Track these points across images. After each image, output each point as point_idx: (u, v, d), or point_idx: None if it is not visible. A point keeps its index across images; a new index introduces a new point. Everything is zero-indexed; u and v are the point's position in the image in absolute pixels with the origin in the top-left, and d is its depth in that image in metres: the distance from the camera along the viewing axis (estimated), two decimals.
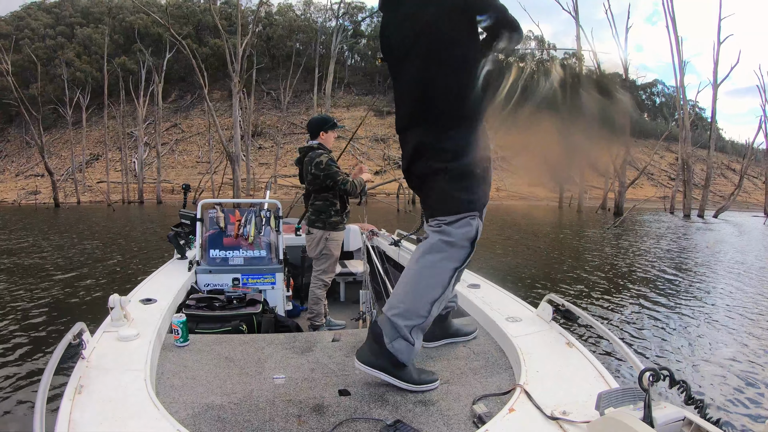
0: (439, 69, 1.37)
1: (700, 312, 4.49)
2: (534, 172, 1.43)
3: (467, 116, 1.35)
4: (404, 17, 1.44)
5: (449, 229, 1.36)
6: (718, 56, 21.97)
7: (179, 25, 39.87)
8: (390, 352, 1.28)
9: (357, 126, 10.02)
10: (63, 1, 46.17)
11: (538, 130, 1.30)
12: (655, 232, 12.77)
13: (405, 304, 1.31)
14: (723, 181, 41.60)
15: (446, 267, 1.34)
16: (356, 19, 47.16)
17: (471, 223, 1.37)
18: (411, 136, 1.46)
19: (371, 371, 1.30)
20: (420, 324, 1.31)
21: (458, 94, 1.36)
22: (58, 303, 4.71)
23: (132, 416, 1.04)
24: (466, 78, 1.33)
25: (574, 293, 5.37)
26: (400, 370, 1.29)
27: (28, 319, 4.16)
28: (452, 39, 1.36)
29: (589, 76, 1.40)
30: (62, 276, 5.97)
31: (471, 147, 1.36)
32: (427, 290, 1.32)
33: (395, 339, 1.29)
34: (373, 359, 1.29)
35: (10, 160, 36.68)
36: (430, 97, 1.39)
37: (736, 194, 23.49)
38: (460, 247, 1.36)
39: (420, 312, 1.30)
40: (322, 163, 2.73)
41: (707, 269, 6.82)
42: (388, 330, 1.29)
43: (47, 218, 15.14)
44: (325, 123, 2.88)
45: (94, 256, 7.52)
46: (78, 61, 37.37)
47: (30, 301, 4.72)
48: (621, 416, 0.88)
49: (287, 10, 48.72)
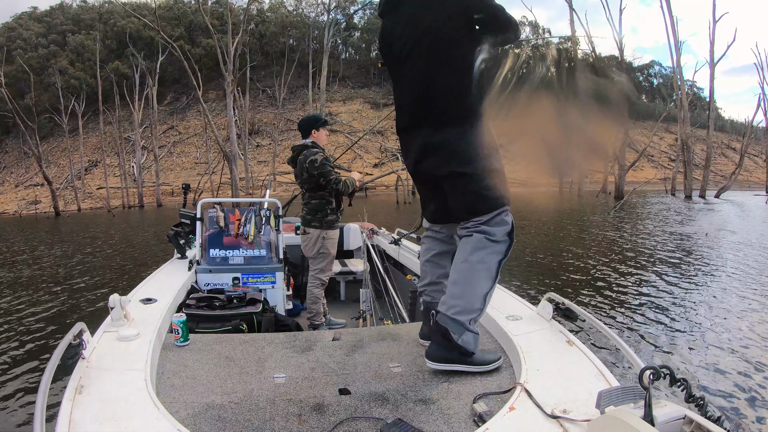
0: (440, 69, 1.41)
1: (700, 308, 4.44)
2: (533, 158, 1.43)
3: (474, 114, 1.39)
4: (405, 18, 1.49)
5: (488, 228, 1.43)
6: (714, 35, 21.96)
7: (171, 26, 39.62)
8: (461, 346, 1.36)
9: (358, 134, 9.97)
10: (54, 9, 45.93)
11: (535, 115, 1.31)
12: (656, 216, 12.73)
13: (462, 300, 1.38)
14: (724, 160, 41.38)
15: (493, 261, 1.42)
16: (348, 12, 46.77)
17: (506, 219, 1.45)
18: (416, 136, 1.50)
19: (446, 367, 1.37)
20: (477, 315, 1.41)
21: (460, 94, 1.40)
22: (58, 304, 4.73)
23: (132, 416, 1.04)
24: (469, 77, 1.39)
25: (573, 287, 5.36)
26: (470, 358, 1.38)
27: (28, 319, 4.19)
28: (453, 39, 1.40)
29: (585, 59, 1.38)
30: (62, 278, 6.01)
31: (485, 144, 1.40)
32: (479, 285, 1.39)
33: (463, 333, 1.37)
34: (446, 355, 1.37)
35: (9, 171, 36.66)
36: (432, 96, 1.43)
37: (737, 173, 23.39)
38: (502, 242, 1.44)
39: (476, 306, 1.39)
40: (317, 161, 2.71)
41: (709, 260, 6.74)
42: (453, 327, 1.37)
43: (47, 228, 15.17)
44: (315, 121, 2.87)
45: (94, 261, 7.54)
46: (72, 68, 37.19)
47: (30, 302, 4.75)
48: (621, 414, 0.88)
49: (279, 6, 48.36)
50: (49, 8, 46.29)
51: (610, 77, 1.38)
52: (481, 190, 1.42)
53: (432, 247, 1.68)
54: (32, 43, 39.71)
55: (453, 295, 1.41)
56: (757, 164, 39.63)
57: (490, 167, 1.42)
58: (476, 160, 1.41)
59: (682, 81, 23.33)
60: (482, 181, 1.41)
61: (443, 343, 1.37)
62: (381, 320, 2.86)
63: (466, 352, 1.37)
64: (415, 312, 2.70)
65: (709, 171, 22.98)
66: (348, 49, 50.25)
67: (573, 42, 23.19)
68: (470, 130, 1.40)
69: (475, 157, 1.40)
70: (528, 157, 1.47)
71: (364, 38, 48.67)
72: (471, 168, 1.41)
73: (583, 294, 5.05)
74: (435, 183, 1.53)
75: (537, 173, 1.45)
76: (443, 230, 1.66)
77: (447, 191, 1.50)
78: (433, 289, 1.67)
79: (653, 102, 44.61)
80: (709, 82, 23.32)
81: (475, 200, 1.44)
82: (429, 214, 1.67)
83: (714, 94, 25.68)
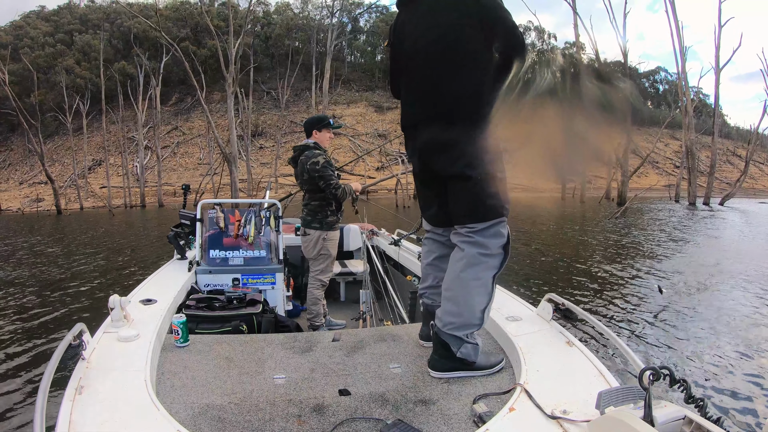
0: (453, 68, 1.39)
1: (700, 310, 4.43)
2: (536, 163, 1.42)
3: (484, 117, 1.36)
4: (421, 15, 1.47)
5: (482, 239, 1.41)
6: (720, 40, 21.68)
7: (177, 27, 39.89)
8: (461, 358, 1.37)
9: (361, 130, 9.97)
10: (61, 8, 46.35)
11: (539, 120, 1.30)
12: (656, 224, 12.65)
13: (458, 318, 1.38)
14: (729, 167, 41.22)
15: (487, 276, 1.40)
16: (354, 15, 46.97)
17: (501, 231, 1.43)
18: (423, 133, 1.48)
19: (449, 375, 1.38)
20: (476, 329, 1.41)
21: (473, 94, 1.38)
22: (58, 304, 4.74)
23: (132, 417, 1.04)
24: (481, 77, 1.37)
25: (573, 288, 5.34)
26: (473, 365, 1.39)
27: (28, 320, 4.19)
28: (468, 38, 1.38)
29: (590, 65, 1.39)
30: (61, 278, 6.01)
31: (492, 149, 1.37)
32: (475, 302, 1.39)
33: (461, 346, 1.37)
34: (448, 364, 1.38)
35: (14, 168, 36.91)
36: (444, 95, 1.41)
37: (742, 180, 23.16)
38: (496, 255, 1.42)
39: (473, 321, 1.39)
40: (318, 164, 2.69)
41: (711, 265, 6.72)
42: (452, 341, 1.38)
43: (45, 225, 15.21)
44: (318, 122, 2.86)
45: (94, 261, 7.55)
46: (78, 67, 37.49)
47: (29, 303, 4.75)
48: (621, 415, 0.88)
49: (285, 8, 48.63)
50: (57, 8, 46.80)
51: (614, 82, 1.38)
52: (483, 197, 1.40)
53: (433, 249, 1.67)
54: (39, 42, 40.06)
55: (449, 312, 1.40)
56: (762, 171, 39.47)
57: (494, 174, 1.40)
58: (482, 165, 1.39)
59: (686, 86, 23.19)
60: (485, 187, 1.40)
61: (444, 354, 1.39)
62: (381, 321, 2.86)
63: (468, 362, 1.38)
64: (415, 313, 2.69)
65: (713, 178, 22.82)
66: (354, 53, 50.43)
67: (577, 47, 23.20)
68: (480, 133, 1.37)
69: (482, 162, 1.38)
70: (531, 163, 1.45)
71: (370, 41, 48.84)
72: (476, 172, 1.39)
73: (583, 295, 5.05)
74: (440, 183, 1.51)
75: (540, 178, 1.44)
76: (445, 233, 1.64)
77: (450, 193, 1.49)
78: (434, 292, 1.65)
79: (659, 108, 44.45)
80: (714, 88, 23.04)
81: (475, 205, 1.42)
82: (430, 216, 1.65)
83: (719, 101, 25.53)
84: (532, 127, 1.32)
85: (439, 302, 1.59)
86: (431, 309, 1.62)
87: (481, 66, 1.39)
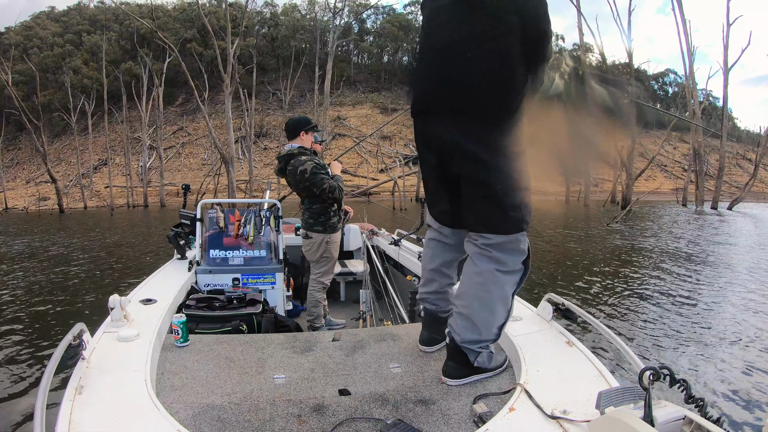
0: (481, 57, 1.23)
1: (700, 310, 4.42)
2: (543, 165, 1.39)
3: (511, 112, 1.24)
4: (451, 3, 1.30)
5: (500, 255, 1.31)
6: (728, 38, 21.20)
7: (185, 28, 40.18)
8: (478, 366, 1.36)
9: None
10: (71, 9, 46.87)
11: (546, 121, 1.29)
12: (660, 228, 12.54)
13: (476, 335, 1.34)
14: (738, 171, 40.80)
15: (507, 293, 1.34)
16: (360, 16, 47.04)
17: (522, 247, 1.34)
18: (440, 124, 1.32)
19: (465, 381, 1.35)
20: (492, 341, 1.39)
21: (501, 88, 1.24)
22: (58, 304, 4.75)
23: (132, 417, 1.04)
24: (509, 70, 1.23)
25: (573, 288, 5.31)
26: (485, 369, 1.38)
27: (27, 320, 4.21)
28: (495, 32, 1.23)
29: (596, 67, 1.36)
30: (61, 278, 6.04)
31: (517, 150, 1.25)
32: (493, 319, 1.34)
33: (478, 355, 1.35)
34: (465, 371, 1.35)
35: (22, 167, 37.31)
36: (471, 85, 1.24)
37: (751, 184, 22.78)
38: (516, 272, 1.35)
39: (490, 337, 1.36)
40: (307, 171, 2.54)
41: (711, 267, 6.67)
42: (470, 353, 1.35)
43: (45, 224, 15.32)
44: (307, 123, 2.71)
45: (94, 261, 7.59)
46: (85, 68, 37.87)
47: (29, 303, 4.77)
48: (621, 415, 0.88)
49: (292, 10, 48.84)
50: (67, 8, 47.34)
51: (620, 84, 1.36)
52: (507, 209, 1.28)
53: (438, 254, 1.56)
54: (48, 42, 40.52)
55: (466, 328, 1.33)
56: None
57: (519, 183, 1.28)
58: (508, 172, 1.25)
59: (694, 87, 22.81)
60: (508, 197, 1.27)
61: (461, 362, 1.35)
62: (381, 321, 2.86)
63: (483, 369, 1.36)
64: (415, 313, 2.68)
65: (722, 181, 22.41)
66: (360, 54, 50.53)
67: (582, 49, 23.02)
68: (508, 130, 1.24)
69: (508, 168, 1.25)
70: (539, 165, 1.42)
71: (377, 43, 48.91)
72: (501, 179, 1.25)
73: (583, 295, 5.03)
74: (453, 181, 1.36)
75: (545, 179, 1.42)
76: (452, 236, 1.52)
77: (465, 195, 1.34)
78: (439, 297, 1.58)
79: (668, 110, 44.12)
80: (722, 89, 22.58)
81: (494, 216, 1.29)
82: (438, 214, 1.52)
83: (728, 102, 25.13)
84: (540, 127, 1.31)
85: (444, 308, 1.57)
86: (436, 315, 1.57)
87: (512, 56, 1.24)
